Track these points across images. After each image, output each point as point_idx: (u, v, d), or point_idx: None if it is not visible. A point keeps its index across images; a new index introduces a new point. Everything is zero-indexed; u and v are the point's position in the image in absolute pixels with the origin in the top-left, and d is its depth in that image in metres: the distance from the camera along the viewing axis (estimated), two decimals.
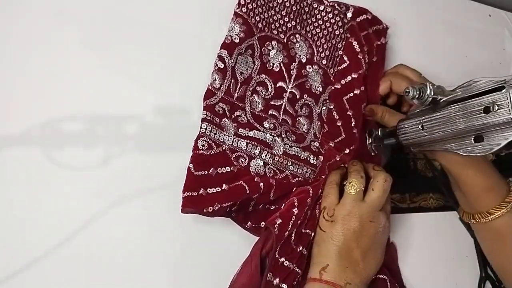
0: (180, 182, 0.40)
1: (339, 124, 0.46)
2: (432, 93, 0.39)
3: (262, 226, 0.41)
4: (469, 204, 0.45)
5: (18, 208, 0.35)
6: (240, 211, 0.41)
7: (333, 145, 0.46)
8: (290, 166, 0.44)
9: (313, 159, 0.46)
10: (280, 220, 0.39)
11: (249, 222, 0.41)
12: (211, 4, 0.45)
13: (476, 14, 0.65)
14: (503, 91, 0.34)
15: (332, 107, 0.47)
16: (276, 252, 0.38)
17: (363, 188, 0.40)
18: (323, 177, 0.45)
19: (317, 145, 0.47)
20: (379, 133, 0.49)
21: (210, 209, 0.37)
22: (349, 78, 0.47)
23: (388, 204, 0.42)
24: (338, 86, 0.47)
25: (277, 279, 0.38)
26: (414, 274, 0.49)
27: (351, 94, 0.47)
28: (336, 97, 0.47)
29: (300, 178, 0.45)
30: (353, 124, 0.46)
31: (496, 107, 0.35)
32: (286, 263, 0.39)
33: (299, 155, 0.45)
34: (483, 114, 0.36)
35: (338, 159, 0.45)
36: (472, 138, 0.38)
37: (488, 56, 0.64)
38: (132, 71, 0.41)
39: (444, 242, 0.53)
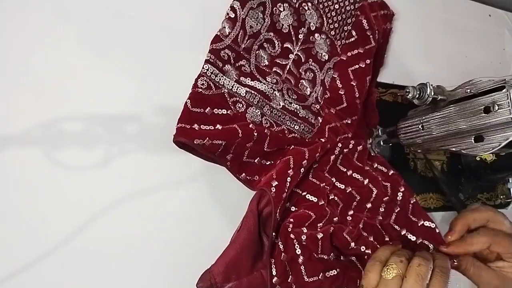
0: (180, 182, 0.40)
1: (341, 92, 0.47)
2: (432, 93, 0.39)
3: (256, 179, 0.42)
4: None
5: (19, 208, 0.34)
6: (235, 160, 0.41)
7: (334, 112, 0.47)
8: (288, 121, 0.45)
9: (312, 118, 0.46)
10: (276, 183, 0.39)
11: (244, 174, 0.41)
12: (212, 5, 0.45)
13: (476, 14, 0.65)
14: (503, 91, 0.34)
15: (336, 76, 0.48)
16: (277, 214, 0.38)
17: (401, 275, 0.36)
18: (322, 140, 0.45)
19: (318, 107, 0.47)
20: (379, 133, 0.49)
21: (201, 141, 0.37)
22: (355, 51, 0.48)
23: None
24: (344, 58, 0.49)
25: (279, 239, 0.39)
26: None
27: (357, 66, 0.48)
28: (341, 68, 0.48)
29: (296, 135, 0.45)
30: (356, 94, 0.47)
31: (496, 107, 0.35)
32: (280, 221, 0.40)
33: (298, 112, 0.46)
34: (483, 114, 0.36)
35: (339, 125, 0.46)
36: (472, 138, 0.38)
37: (488, 56, 0.64)
38: (132, 71, 0.41)
39: None
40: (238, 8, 0.43)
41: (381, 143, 0.49)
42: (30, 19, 0.38)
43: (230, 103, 0.42)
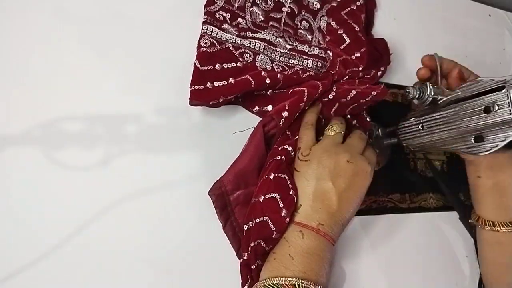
0: (180, 182, 0.40)
1: (340, 32, 0.48)
2: (432, 93, 0.39)
3: (269, 109, 0.43)
4: (494, 209, 0.44)
5: (18, 208, 0.34)
6: (247, 97, 0.42)
7: (340, 50, 0.47)
8: (299, 61, 0.46)
9: (322, 53, 0.47)
10: (287, 114, 0.40)
11: (257, 107, 0.43)
12: None
13: (476, 14, 0.65)
14: (503, 91, 0.34)
15: (330, 21, 0.49)
16: (277, 143, 0.40)
17: (342, 132, 0.40)
18: (332, 72, 0.45)
19: (325, 46, 0.48)
20: (379, 133, 0.49)
21: (216, 101, 0.38)
22: None
23: (371, 153, 0.41)
24: (334, 4, 0.50)
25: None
26: (414, 274, 0.49)
27: (349, 9, 0.49)
28: (334, 13, 0.49)
29: (311, 73, 0.46)
30: (356, 29, 0.47)
31: (496, 107, 0.35)
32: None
33: (307, 51, 0.46)
34: (483, 114, 0.36)
35: (349, 58, 0.46)
36: (472, 138, 0.38)
37: (488, 56, 0.64)
38: (132, 71, 0.41)
39: (444, 242, 0.53)
40: None
41: (381, 143, 0.49)
42: (30, 19, 0.38)
43: (237, 55, 0.43)
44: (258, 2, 0.46)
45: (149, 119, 0.40)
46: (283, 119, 0.39)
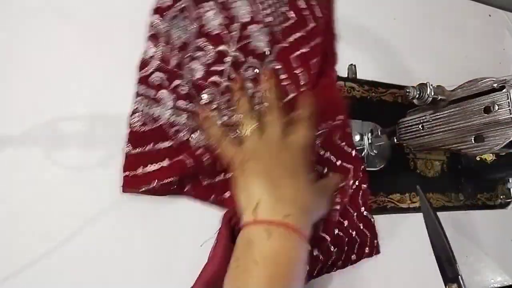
0: None
1: (285, 83, 0.43)
2: (432, 93, 0.39)
3: (226, 196, 0.40)
4: None
5: (18, 208, 0.34)
6: (197, 189, 0.39)
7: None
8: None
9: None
10: None
11: (213, 196, 0.40)
12: None
13: (476, 14, 0.65)
14: (503, 91, 0.34)
15: (279, 67, 0.43)
16: None
17: (255, 125, 0.37)
18: None
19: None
20: (379, 133, 0.49)
21: (146, 187, 0.36)
22: (297, 35, 0.44)
23: (274, 126, 0.38)
24: (286, 44, 0.44)
25: None
26: (414, 274, 0.49)
27: (298, 53, 0.43)
28: (283, 57, 0.44)
29: None
30: (301, 82, 0.43)
31: (496, 107, 0.35)
32: None
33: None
34: (484, 114, 0.36)
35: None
36: (472, 138, 0.38)
37: (488, 56, 0.64)
38: (132, 71, 0.40)
39: None
40: (159, 22, 0.39)
41: (381, 143, 0.49)
42: (31, 19, 0.38)
43: (171, 134, 0.39)
44: (198, 55, 0.41)
45: None
46: None
